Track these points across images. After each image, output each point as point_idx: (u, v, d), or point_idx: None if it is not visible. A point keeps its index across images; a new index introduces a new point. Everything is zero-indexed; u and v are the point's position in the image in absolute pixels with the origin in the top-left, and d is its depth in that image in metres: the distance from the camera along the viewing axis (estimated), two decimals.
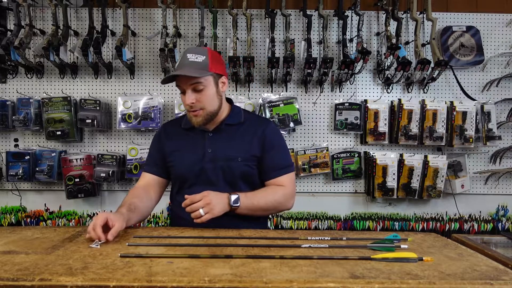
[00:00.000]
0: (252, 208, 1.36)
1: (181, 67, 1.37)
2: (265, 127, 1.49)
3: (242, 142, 1.46)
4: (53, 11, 2.29)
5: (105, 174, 2.35)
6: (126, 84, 2.52)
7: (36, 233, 1.24)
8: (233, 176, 1.45)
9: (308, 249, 1.07)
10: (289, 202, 1.46)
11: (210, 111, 1.42)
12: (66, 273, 0.85)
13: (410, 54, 2.47)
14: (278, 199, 1.42)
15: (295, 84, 2.54)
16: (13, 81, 2.50)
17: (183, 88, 1.39)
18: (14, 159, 2.40)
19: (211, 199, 1.26)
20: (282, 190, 1.44)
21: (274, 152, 1.48)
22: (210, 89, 1.40)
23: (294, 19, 2.50)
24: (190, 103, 1.37)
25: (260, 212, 1.42)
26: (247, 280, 0.82)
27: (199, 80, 1.36)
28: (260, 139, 1.47)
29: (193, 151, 1.47)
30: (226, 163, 1.43)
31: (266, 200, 1.39)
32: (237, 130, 1.49)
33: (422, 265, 0.94)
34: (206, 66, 1.38)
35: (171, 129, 1.57)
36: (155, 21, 2.52)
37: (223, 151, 1.45)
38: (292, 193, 1.47)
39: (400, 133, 2.42)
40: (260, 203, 1.37)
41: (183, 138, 1.52)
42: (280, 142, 1.52)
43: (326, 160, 2.46)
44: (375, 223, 2.40)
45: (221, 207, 1.29)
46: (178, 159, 1.48)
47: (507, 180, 2.56)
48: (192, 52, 1.39)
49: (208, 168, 1.44)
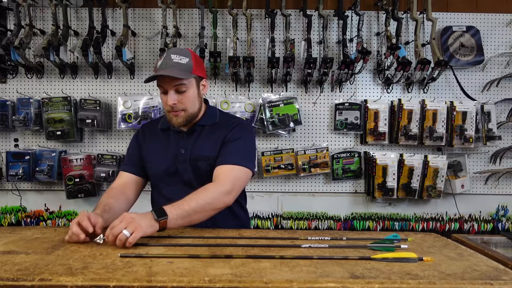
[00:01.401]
0: (184, 215, 1.21)
1: (165, 67, 1.36)
2: (232, 125, 1.48)
3: (211, 142, 1.46)
4: (53, 11, 2.29)
5: (105, 174, 2.35)
6: (126, 84, 2.52)
7: (36, 233, 1.24)
8: (202, 176, 1.44)
9: (308, 249, 1.07)
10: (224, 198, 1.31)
11: (191, 113, 1.43)
12: (66, 273, 0.85)
13: (410, 54, 2.47)
14: (211, 195, 1.29)
15: (295, 84, 2.54)
16: (13, 81, 2.50)
17: (166, 88, 1.39)
18: (14, 159, 2.40)
19: (132, 216, 1.10)
20: (214, 186, 1.33)
21: (228, 146, 1.43)
22: (192, 91, 1.41)
23: (294, 19, 2.50)
24: (172, 104, 1.38)
25: (196, 216, 1.25)
26: (247, 280, 0.82)
27: (183, 81, 1.37)
28: (223, 136, 1.45)
29: (168, 151, 1.48)
30: (195, 163, 1.44)
31: (197, 201, 1.25)
32: (209, 131, 1.49)
33: (422, 265, 0.94)
34: (190, 68, 1.38)
35: (149, 130, 1.58)
36: (155, 21, 2.52)
37: (192, 152, 1.46)
38: (228, 190, 1.32)
39: (400, 133, 2.42)
40: (191, 206, 1.23)
41: (159, 138, 1.53)
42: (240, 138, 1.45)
43: (326, 160, 2.46)
44: (375, 223, 2.40)
45: (147, 222, 1.11)
46: (154, 160, 1.50)
47: (507, 180, 2.56)
48: (176, 53, 1.39)
49: (181, 168, 1.45)
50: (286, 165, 2.44)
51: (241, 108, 2.45)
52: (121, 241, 1.05)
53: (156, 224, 1.14)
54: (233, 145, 1.43)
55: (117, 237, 1.05)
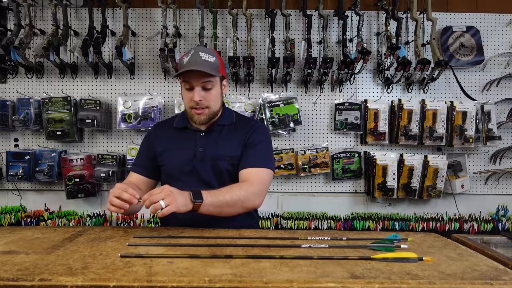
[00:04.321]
0: (217, 204, 1.26)
1: (194, 64, 1.37)
2: (252, 128, 1.51)
3: (231, 141, 1.49)
4: (53, 11, 2.29)
5: (105, 174, 2.35)
6: (126, 84, 2.52)
7: (36, 233, 1.25)
8: (222, 175, 1.46)
9: (308, 249, 1.07)
10: (256, 199, 1.37)
11: (213, 111, 1.45)
12: (66, 273, 0.85)
13: (410, 54, 2.47)
14: (244, 193, 1.33)
15: (295, 84, 2.54)
16: (13, 81, 2.50)
17: (192, 84, 1.40)
18: (14, 159, 2.40)
19: (171, 190, 1.17)
20: (248, 185, 1.37)
21: (253, 149, 1.47)
22: (216, 90, 1.44)
23: (294, 19, 2.50)
24: (198, 100, 1.39)
25: (226, 209, 1.30)
26: (247, 280, 0.82)
27: (211, 79, 1.39)
28: (245, 138, 1.48)
29: (185, 150, 1.49)
30: (215, 162, 1.45)
31: (232, 195, 1.30)
32: (228, 131, 1.51)
33: (422, 265, 0.94)
34: (217, 67, 1.41)
35: (162, 130, 1.59)
36: (155, 21, 2.52)
37: (212, 150, 1.47)
38: (258, 190, 1.38)
39: (400, 133, 2.42)
40: (226, 198, 1.28)
41: (174, 137, 1.53)
42: (262, 141, 1.49)
43: (326, 160, 2.46)
44: (375, 223, 2.40)
45: (183, 200, 1.17)
46: (169, 158, 1.50)
47: (507, 180, 2.56)
48: (204, 51, 1.41)
49: (199, 167, 1.46)
50: (286, 165, 2.44)
51: (241, 108, 2.45)
52: (155, 209, 1.12)
53: (191, 205, 1.19)
54: (258, 148, 1.47)
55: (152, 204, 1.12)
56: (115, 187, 1.23)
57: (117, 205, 1.20)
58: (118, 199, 1.20)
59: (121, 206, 1.20)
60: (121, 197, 1.20)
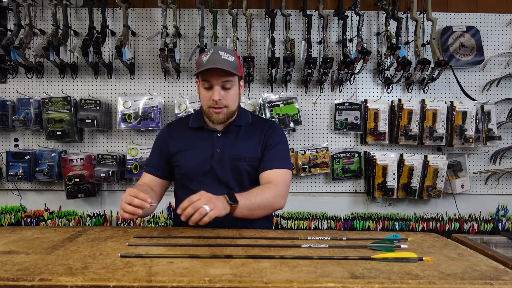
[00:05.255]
0: (250, 207, 1.27)
1: (215, 63, 1.36)
2: (270, 129, 1.52)
3: (249, 142, 1.48)
4: (53, 11, 2.29)
5: (105, 174, 2.35)
6: (126, 84, 2.52)
7: (36, 233, 1.25)
8: (241, 176, 1.46)
9: (308, 249, 1.07)
10: (281, 200, 1.40)
11: (231, 110, 1.45)
12: (66, 273, 0.85)
13: (410, 54, 2.47)
14: (273, 195, 1.35)
15: (295, 84, 2.54)
16: (13, 81, 2.50)
17: (212, 83, 1.39)
18: (14, 159, 2.40)
19: (209, 196, 1.17)
20: (274, 187, 1.38)
21: (273, 150, 1.48)
22: (235, 89, 1.44)
23: (294, 19, 2.50)
24: (218, 99, 1.38)
25: (258, 211, 1.32)
26: (247, 280, 0.82)
27: (230, 78, 1.39)
28: (263, 140, 1.49)
29: (201, 150, 1.47)
30: (234, 163, 1.45)
31: (262, 197, 1.32)
32: (245, 131, 1.51)
33: (422, 265, 0.94)
34: (236, 66, 1.41)
35: (175, 129, 1.57)
36: (155, 21, 2.52)
37: (231, 151, 1.46)
38: (283, 192, 1.41)
39: (400, 133, 2.42)
40: (257, 200, 1.29)
41: (190, 137, 1.51)
42: (280, 142, 1.51)
43: (326, 160, 2.46)
44: (375, 223, 2.40)
45: (222, 204, 1.18)
46: (185, 158, 1.48)
47: (507, 180, 2.56)
48: (223, 50, 1.41)
49: (217, 167, 1.45)
50: None
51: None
52: (201, 214, 1.10)
53: (228, 208, 1.20)
54: (277, 149, 1.48)
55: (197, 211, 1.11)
56: (126, 193, 1.22)
57: (130, 211, 1.19)
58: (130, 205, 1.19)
59: (134, 212, 1.19)
60: (133, 204, 1.19)
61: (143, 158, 2.40)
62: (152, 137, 2.51)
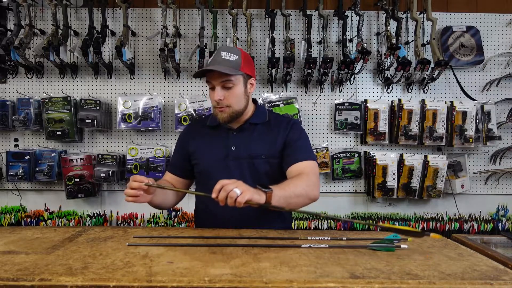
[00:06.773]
0: (286, 195, 1.23)
1: (214, 64, 1.38)
2: (289, 125, 1.52)
3: (266, 140, 1.49)
4: (53, 11, 2.29)
5: (105, 174, 2.35)
6: (126, 84, 2.52)
7: (36, 233, 1.24)
8: (258, 174, 1.46)
9: (308, 249, 1.07)
10: (315, 191, 1.36)
11: (236, 110, 1.44)
12: (66, 273, 0.85)
13: (410, 54, 2.47)
14: (306, 183, 1.32)
15: (295, 84, 2.54)
16: (13, 81, 2.50)
17: (213, 84, 1.41)
18: (14, 159, 2.39)
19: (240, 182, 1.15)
20: (306, 177, 1.36)
21: (296, 144, 1.48)
22: (239, 88, 1.43)
23: (294, 19, 2.50)
24: (218, 100, 1.40)
25: (294, 200, 1.26)
26: (247, 280, 0.82)
27: (230, 78, 1.39)
28: (284, 136, 1.49)
29: (218, 148, 1.49)
30: (250, 161, 1.45)
31: (296, 186, 1.28)
32: (261, 129, 1.51)
33: (422, 265, 0.94)
34: (238, 65, 1.41)
35: (195, 128, 1.60)
36: (155, 21, 2.52)
37: (246, 149, 1.46)
38: (315, 181, 1.38)
39: (400, 133, 2.42)
40: (291, 189, 1.26)
41: (207, 135, 1.53)
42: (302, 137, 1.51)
43: (326, 160, 2.46)
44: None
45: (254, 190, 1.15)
46: (202, 157, 1.50)
47: (507, 180, 2.56)
48: (226, 50, 1.42)
49: (232, 165, 1.45)
50: None
51: None
52: (232, 198, 1.09)
53: (264, 195, 1.15)
54: (301, 142, 1.48)
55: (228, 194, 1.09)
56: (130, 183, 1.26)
57: (131, 194, 1.23)
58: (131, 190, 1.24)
59: (134, 194, 1.23)
60: (131, 187, 1.23)
61: (143, 158, 2.40)
62: (152, 137, 2.51)
